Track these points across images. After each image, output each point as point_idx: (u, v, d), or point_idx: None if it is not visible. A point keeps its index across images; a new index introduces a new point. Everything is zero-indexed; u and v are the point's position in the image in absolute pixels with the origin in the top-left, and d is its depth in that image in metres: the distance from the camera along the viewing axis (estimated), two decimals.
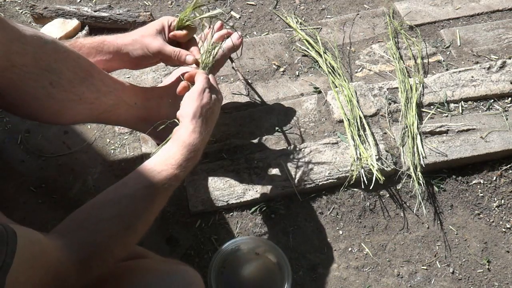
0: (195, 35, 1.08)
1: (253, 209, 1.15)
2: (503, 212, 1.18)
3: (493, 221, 1.17)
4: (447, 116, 1.28)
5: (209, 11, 1.06)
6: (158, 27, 1.04)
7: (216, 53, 1.02)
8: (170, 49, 1.02)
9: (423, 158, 1.19)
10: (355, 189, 1.18)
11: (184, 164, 0.86)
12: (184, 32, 1.04)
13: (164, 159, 0.86)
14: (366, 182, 1.14)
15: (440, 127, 1.25)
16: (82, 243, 0.74)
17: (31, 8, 1.50)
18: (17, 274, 0.59)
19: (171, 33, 1.04)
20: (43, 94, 0.91)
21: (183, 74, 0.99)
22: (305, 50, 1.43)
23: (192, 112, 0.91)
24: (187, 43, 1.06)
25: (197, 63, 1.01)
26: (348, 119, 1.24)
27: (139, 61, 1.05)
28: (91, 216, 0.78)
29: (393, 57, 1.41)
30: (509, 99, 1.32)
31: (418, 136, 1.23)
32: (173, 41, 1.05)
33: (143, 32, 1.03)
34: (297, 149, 1.22)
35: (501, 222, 1.17)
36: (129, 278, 0.83)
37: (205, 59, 1.01)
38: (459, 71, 1.36)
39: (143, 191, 0.82)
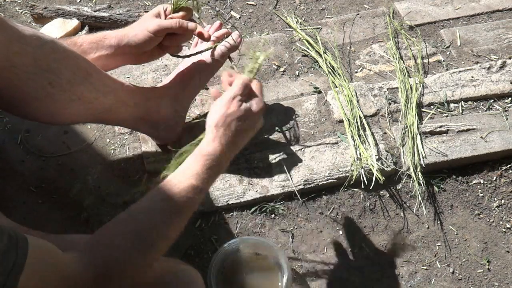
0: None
1: (253, 209, 1.15)
2: (503, 212, 1.18)
3: (493, 221, 1.17)
4: (447, 116, 1.28)
5: None
6: (154, 13, 1.04)
7: (261, 59, 0.96)
8: (168, 21, 1.02)
9: (423, 158, 1.19)
10: (355, 189, 1.18)
11: (203, 174, 0.82)
12: (180, 13, 1.04)
13: (182, 170, 0.83)
14: (366, 182, 1.14)
15: (440, 127, 1.25)
16: (100, 258, 0.73)
17: (31, 8, 1.50)
18: (27, 280, 0.59)
19: (168, 16, 1.04)
20: (42, 94, 0.91)
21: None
22: (305, 50, 1.43)
23: (214, 120, 0.86)
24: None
25: (201, 34, 1.03)
26: (348, 119, 1.24)
27: (140, 49, 1.04)
28: (108, 232, 0.77)
29: (393, 57, 1.40)
30: (509, 99, 1.32)
31: (418, 136, 1.23)
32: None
33: (140, 20, 1.05)
34: (297, 149, 1.22)
35: (501, 222, 1.17)
36: None
37: (251, 65, 0.95)
38: (459, 71, 1.36)
39: (159, 204, 0.79)
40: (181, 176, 0.82)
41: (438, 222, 1.17)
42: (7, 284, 0.57)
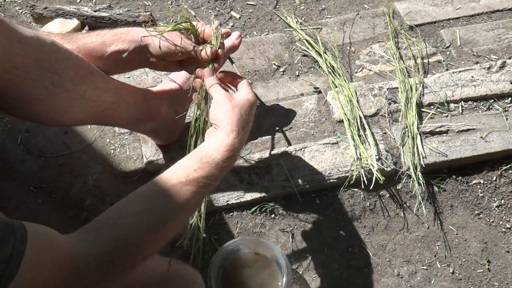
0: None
1: (253, 209, 1.15)
2: (503, 212, 1.18)
3: (493, 221, 1.17)
4: (447, 116, 1.28)
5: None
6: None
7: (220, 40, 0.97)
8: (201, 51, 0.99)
9: (423, 158, 1.19)
10: (355, 189, 1.18)
11: (221, 163, 0.82)
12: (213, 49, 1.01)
13: (200, 157, 0.81)
14: (366, 182, 1.14)
15: (440, 127, 1.25)
16: (104, 238, 0.72)
17: (31, 8, 1.50)
18: (28, 267, 0.59)
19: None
20: (45, 94, 0.91)
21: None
22: (305, 50, 1.43)
23: (230, 118, 0.85)
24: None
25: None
26: (348, 119, 1.24)
27: (159, 58, 1.00)
28: (118, 212, 0.76)
29: (393, 57, 1.41)
30: (509, 99, 1.32)
31: (418, 136, 1.23)
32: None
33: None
34: (297, 149, 1.22)
35: (501, 222, 1.17)
36: (130, 277, 0.83)
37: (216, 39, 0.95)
38: (459, 71, 1.36)
39: (177, 187, 0.78)
40: (199, 163, 0.80)
41: (438, 222, 1.17)
42: (7, 271, 0.56)
